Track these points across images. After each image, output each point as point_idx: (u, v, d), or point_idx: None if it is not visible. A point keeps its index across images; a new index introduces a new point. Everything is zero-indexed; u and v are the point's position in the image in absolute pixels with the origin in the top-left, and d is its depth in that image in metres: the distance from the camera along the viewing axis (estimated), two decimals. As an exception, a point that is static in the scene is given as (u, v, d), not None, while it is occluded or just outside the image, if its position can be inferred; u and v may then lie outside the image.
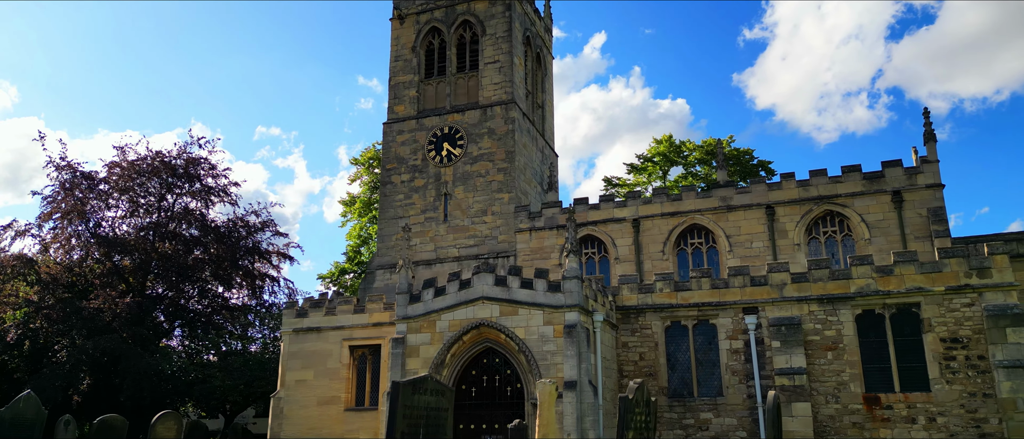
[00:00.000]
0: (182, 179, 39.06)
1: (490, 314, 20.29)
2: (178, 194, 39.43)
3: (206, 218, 40.06)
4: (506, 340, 20.08)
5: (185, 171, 39.09)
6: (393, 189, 34.11)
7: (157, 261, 37.87)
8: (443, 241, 32.60)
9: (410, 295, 21.19)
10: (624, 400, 9.98)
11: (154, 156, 38.97)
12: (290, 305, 27.52)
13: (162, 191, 39.22)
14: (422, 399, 7.69)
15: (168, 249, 38.49)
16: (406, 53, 35.99)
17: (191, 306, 41.48)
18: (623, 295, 23.36)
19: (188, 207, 40.08)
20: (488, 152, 33.00)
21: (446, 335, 20.48)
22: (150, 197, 39.17)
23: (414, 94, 35.21)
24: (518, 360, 20.07)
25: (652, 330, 22.91)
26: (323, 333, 26.04)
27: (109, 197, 38.50)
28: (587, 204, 30.93)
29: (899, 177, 26.47)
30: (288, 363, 26.25)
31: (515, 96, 33.75)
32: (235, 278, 40.73)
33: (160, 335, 40.60)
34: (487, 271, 20.62)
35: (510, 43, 34.33)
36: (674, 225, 29.17)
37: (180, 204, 39.99)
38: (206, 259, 39.89)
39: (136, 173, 38.52)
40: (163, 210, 39.37)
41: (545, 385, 11.41)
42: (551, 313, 19.75)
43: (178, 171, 38.93)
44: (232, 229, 40.30)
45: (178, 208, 39.78)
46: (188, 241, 39.40)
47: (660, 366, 22.62)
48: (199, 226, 39.71)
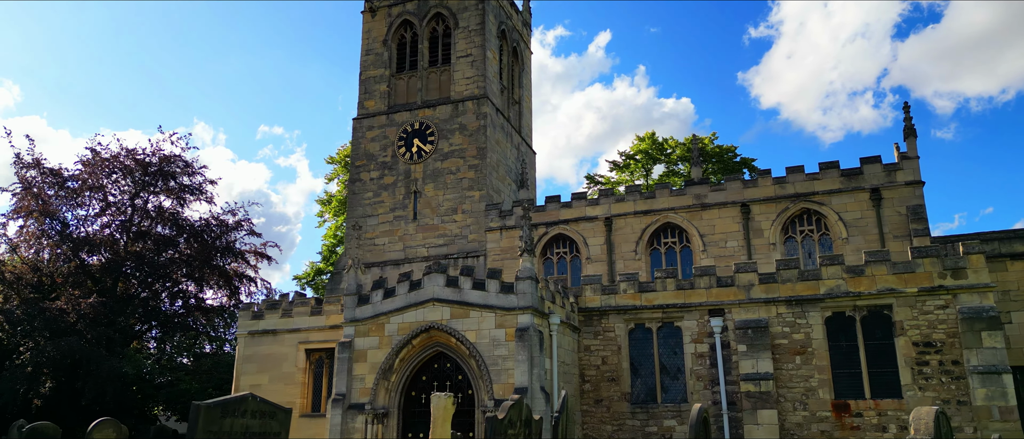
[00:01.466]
0: (155, 177, 38.21)
1: (441, 316, 19.31)
2: (151, 192, 38.57)
3: (179, 216, 39.21)
4: (457, 344, 19.11)
5: (159, 169, 38.23)
6: (362, 187, 33.15)
7: (129, 261, 36.98)
8: (412, 240, 31.64)
9: (359, 296, 20.22)
10: (492, 422, 8.81)
11: (127, 154, 38.09)
12: (247, 307, 26.54)
13: (135, 189, 38.35)
14: (238, 423, 6.61)
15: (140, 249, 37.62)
16: (377, 47, 35.03)
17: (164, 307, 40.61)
18: (586, 296, 22.39)
19: (161, 205, 39.25)
20: (459, 148, 32.03)
21: (395, 339, 19.51)
22: (122, 195, 38.31)
23: (385, 89, 34.25)
24: (469, 365, 19.10)
25: (615, 333, 21.93)
26: (279, 336, 25.10)
27: (78, 195, 37.65)
28: (559, 202, 29.96)
29: (878, 174, 25.47)
30: (242, 367, 25.30)
31: (488, 91, 32.77)
32: (210, 278, 39.90)
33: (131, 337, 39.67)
34: (438, 271, 19.65)
35: (483, 36, 33.35)
36: (647, 224, 28.18)
37: (153, 202, 39.14)
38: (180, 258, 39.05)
39: (107, 171, 37.68)
40: (136, 208, 38.48)
41: (440, 398, 10.38)
42: (503, 315, 18.78)
43: (151, 169, 38.08)
44: (207, 228, 39.46)
45: (151, 207, 38.92)
46: (161, 240, 38.56)
47: (623, 371, 21.65)
48: (173, 225, 38.86)
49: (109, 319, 35.87)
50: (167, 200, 39.26)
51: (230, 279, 40.15)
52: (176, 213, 39.12)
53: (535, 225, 29.71)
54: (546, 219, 29.68)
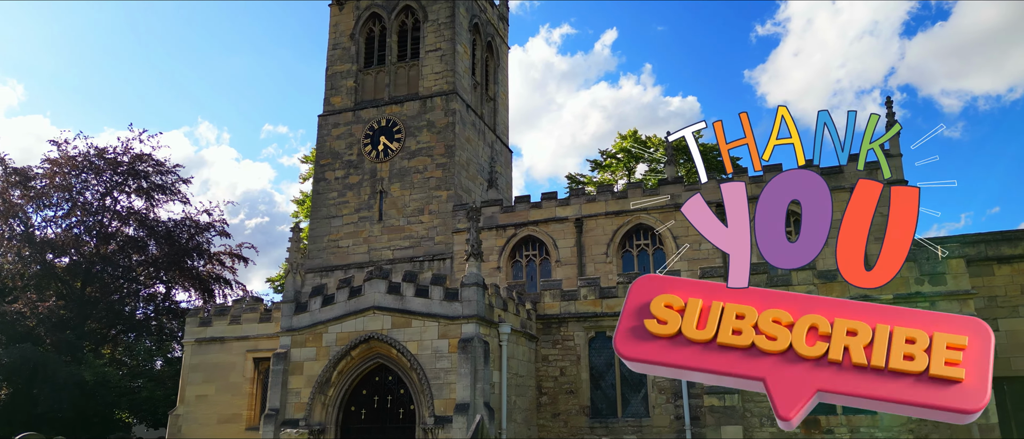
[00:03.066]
0: (126, 176, 37.12)
1: (381, 326, 18.01)
2: (122, 192, 37.49)
3: (149, 217, 38.08)
4: (398, 355, 17.81)
5: (129, 168, 37.12)
6: (326, 186, 31.86)
7: (97, 263, 35.84)
8: (377, 242, 30.34)
9: (296, 304, 18.92)
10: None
11: (96, 152, 36.96)
12: (195, 312, 25.26)
13: (104, 189, 37.23)
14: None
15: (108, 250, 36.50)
16: (344, 41, 33.73)
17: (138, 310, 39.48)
18: (545, 303, 21.10)
19: (132, 206, 38.14)
20: (427, 146, 30.74)
21: (333, 350, 18.21)
22: (91, 195, 37.19)
23: (352, 84, 32.95)
24: (410, 378, 17.80)
25: (575, 342, 20.62)
26: (226, 344, 23.82)
27: (44, 195, 36.52)
28: (528, 202, 28.65)
29: (860, 175, 24.06)
30: (189, 377, 24.04)
31: (457, 86, 31.46)
32: (182, 280, 38.78)
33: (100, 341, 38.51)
34: (380, 277, 18.34)
35: (453, 30, 32.03)
36: (619, 225, 26.85)
37: (124, 203, 38.03)
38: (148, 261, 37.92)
39: (75, 170, 36.56)
40: (105, 209, 37.34)
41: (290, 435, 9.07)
42: (447, 325, 17.48)
43: (121, 168, 36.97)
44: (179, 228, 38.34)
45: (121, 207, 37.81)
46: (131, 241, 37.45)
47: (582, 382, 20.33)
48: (143, 226, 37.75)
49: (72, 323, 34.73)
50: (138, 200, 38.22)
51: (204, 281, 39.02)
52: (146, 214, 38.03)
53: (503, 226, 28.45)
54: (515, 220, 28.39)
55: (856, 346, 3.97)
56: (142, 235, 37.92)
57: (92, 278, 35.98)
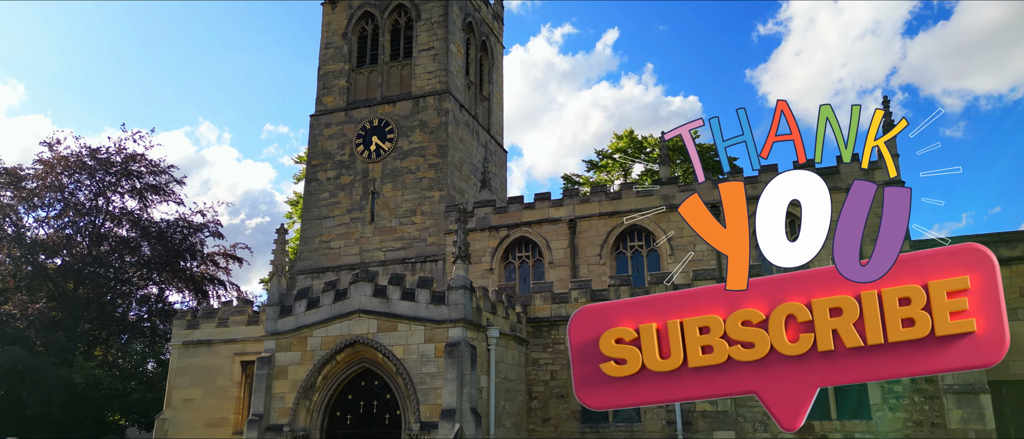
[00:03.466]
0: (119, 176, 36.83)
1: (367, 330, 17.67)
2: (115, 192, 37.21)
3: (143, 218, 37.80)
4: (384, 360, 17.47)
5: (123, 168, 36.83)
6: (318, 186, 31.52)
7: (89, 264, 35.54)
8: (369, 243, 30.00)
9: (281, 307, 18.58)
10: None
11: (89, 153, 36.67)
12: (182, 315, 24.92)
13: (97, 189, 36.94)
14: None
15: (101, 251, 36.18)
16: (337, 40, 33.38)
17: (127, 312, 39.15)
18: (536, 305, 20.76)
19: (125, 206, 37.87)
20: (419, 146, 30.39)
21: (318, 354, 17.87)
22: (83, 195, 36.90)
23: (344, 84, 32.60)
24: (396, 383, 17.45)
25: (566, 345, 20.22)
26: (214, 347, 23.48)
27: (36, 195, 36.21)
28: (521, 203, 28.30)
29: (854, 173, 23.75)
30: (175, 380, 23.71)
31: (450, 86, 31.11)
32: (175, 281, 38.51)
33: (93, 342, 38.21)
34: (366, 280, 18.00)
35: (446, 29, 31.68)
36: (613, 226, 26.49)
37: (117, 203, 37.76)
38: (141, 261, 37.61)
39: (68, 170, 36.28)
40: (98, 210, 37.06)
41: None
42: (433, 329, 17.13)
43: (113, 169, 36.65)
44: (174, 229, 38.05)
45: (114, 207, 37.53)
46: (123, 242, 37.15)
47: (573, 387, 19.97)
48: (136, 226, 37.46)
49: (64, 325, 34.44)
50: (131, 200, 37.95)
51: (198, 282, 38.73)
52: (139, 214, 37.75)
53: (496, 228, 28.11)
54: (508, 221, 28.04)
55: (845, 326, 3.58)
56: (135, 236, 37.61)
57: (84, 279, 35.67)
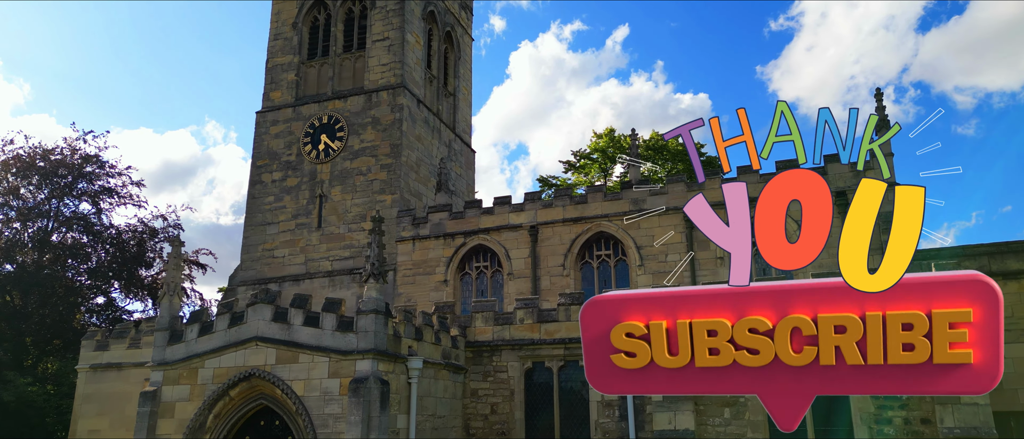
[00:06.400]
0: (73, 179, 34.50)
1: (264, 361, 15.04)
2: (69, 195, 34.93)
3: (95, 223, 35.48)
4: (283, 397, 14.84)
5: (77, 170, 34.50)
6: (263, 189, 28.91)
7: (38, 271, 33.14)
8: (315, 252, 27.40)
9: (171, 332, 15.95)
10: None
11: (41, 154, 34.33)
12: (91, 335, 22.29)
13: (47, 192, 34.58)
14: None
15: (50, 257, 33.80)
16: (286, 30, 30.77)
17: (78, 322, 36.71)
18: (476, 328, 18.10)
19: (78, 210, 35.54)
20: (371, 145, 27.77)
21: (209, 388, 15.24)
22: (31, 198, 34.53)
23: (293, 78, 29.99)
24: (297, 425, 14.83)
25: (509, 374, 17.61)
26: (124, 371, 20.91)
27: (-21, 199, 33.84)
28: (480, 208, 25.63)
29: (844, 175, 21.04)
30: (81, 409, 21.13)
31: (406, 79, 28.47)
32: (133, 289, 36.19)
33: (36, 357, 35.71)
34: (265, 302, 15.37)
35: (402, 17, 29.04)
36: (578, 233, 23.83)
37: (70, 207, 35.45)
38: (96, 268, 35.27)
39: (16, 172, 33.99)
40: (48, 213, 34.69)
41: None
42: (339, 361, 14.50)
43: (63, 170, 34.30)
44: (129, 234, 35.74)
45: (67, 211, 35.22)
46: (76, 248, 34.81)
47: (516, 422, 17.32)
48: (88, 231, 35.14)
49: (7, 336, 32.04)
50: (84, 204, 35.69)
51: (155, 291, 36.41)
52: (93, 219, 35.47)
53: (452, 235, 25.47)
54: (465, 228, 25.39)
55: (848, 344, 3.79)
56: (87, 241, 35.34)
57: (32, 288, 33.31)
